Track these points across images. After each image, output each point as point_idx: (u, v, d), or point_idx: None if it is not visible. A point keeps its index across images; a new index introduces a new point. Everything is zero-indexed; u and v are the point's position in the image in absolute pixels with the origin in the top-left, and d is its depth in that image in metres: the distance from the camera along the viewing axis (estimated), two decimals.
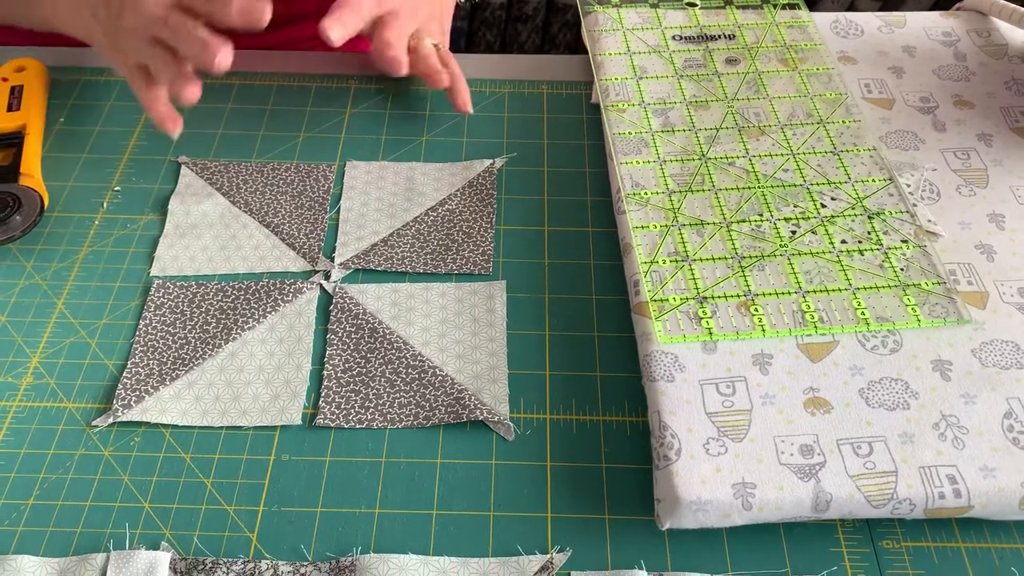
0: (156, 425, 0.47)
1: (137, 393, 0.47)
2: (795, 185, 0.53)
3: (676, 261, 0.49)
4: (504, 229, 0.55)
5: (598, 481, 0.45)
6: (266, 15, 0.51)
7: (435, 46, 0.61)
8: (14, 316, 0.51)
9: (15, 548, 0.42)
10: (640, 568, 0.41)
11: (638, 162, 0.55)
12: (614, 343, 0.50)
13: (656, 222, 0.51)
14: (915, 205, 0.52)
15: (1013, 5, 0.63)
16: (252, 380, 0.48)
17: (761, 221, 0.51)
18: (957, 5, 0.67)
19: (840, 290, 0.48)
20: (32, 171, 0.56)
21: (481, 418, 0.46)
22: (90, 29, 0.57)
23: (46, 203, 0.55)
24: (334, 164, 0.59)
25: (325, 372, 0.48)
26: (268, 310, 0.51)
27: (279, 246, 0.54)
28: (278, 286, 0.52)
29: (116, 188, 0.58)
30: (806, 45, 0.62)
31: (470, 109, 0.60)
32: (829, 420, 0.43)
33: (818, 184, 0.53)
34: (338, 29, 0.54)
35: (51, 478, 0.45)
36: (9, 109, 0.60)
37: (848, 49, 0.63)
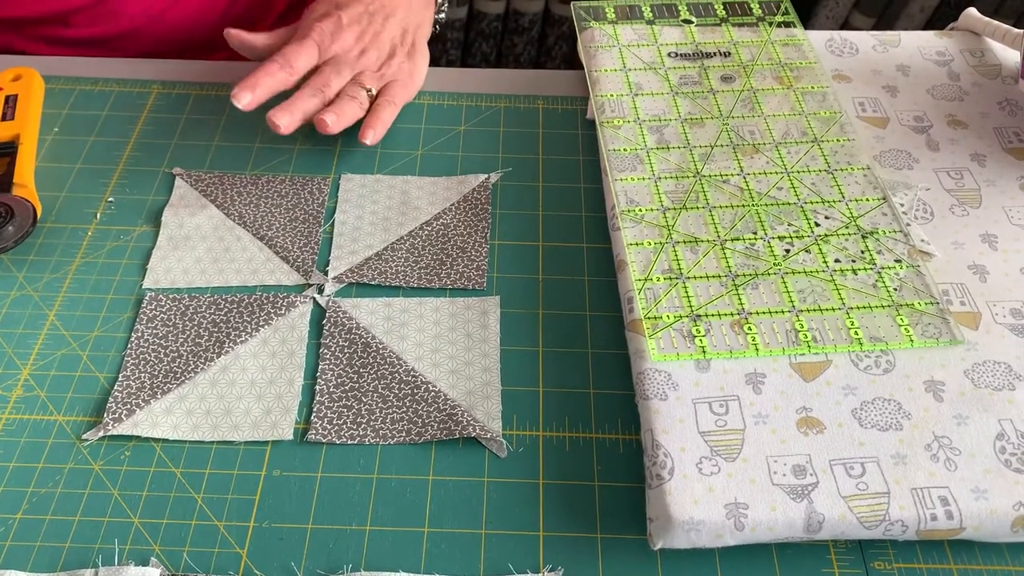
0: (147, 439, 0.46)
1: (128, 407, 0.47)
2: (789, 203, 0.53)
3: (670, 279, 0.49)
4: (498, 244, 0.55)
5: (590, 499, 0.45)
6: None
7: (369, 92, 0.60)
8: (5, 327, 0.51)
9: (2, 563, 0.42)
10: None
11: (633, 179, 0.55)
12: (608, 360, 0.50)
13: (650, 239, 0.51)
14: (908, 225, 0.52)
15: (1006, 26, 0.63)
16: (244, 394, 0.48)
17: (755, 239, 0.51)
18: (951, 25, 0.67)
19: (833, 309, 0.48)
20: (25, 181, 0.56)
21: (473, 435, 0.46)
22: None
23: (39, 214, 0.55)
24: (329, 177, 0.59)
25: (317, 387, 0.48)
26: (261, 324, 0.51)
27: (273, 259, 0.54)
28: (271, 299, 0.52)
29: (110, 199, 0.58)
30: (801, 63, 0.63)
31: (367, 140, 0.58)
32: (822, 440, 0.43)
33: (812, 203, 0.53)
34: (286, 117, 0.56)
35: (40, 492, 0.44)
36: (3, 119, 0.60)
37: (843, 67, 0.63)
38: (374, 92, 0.60)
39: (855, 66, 0.63)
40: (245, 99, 0.55)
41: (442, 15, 0.72)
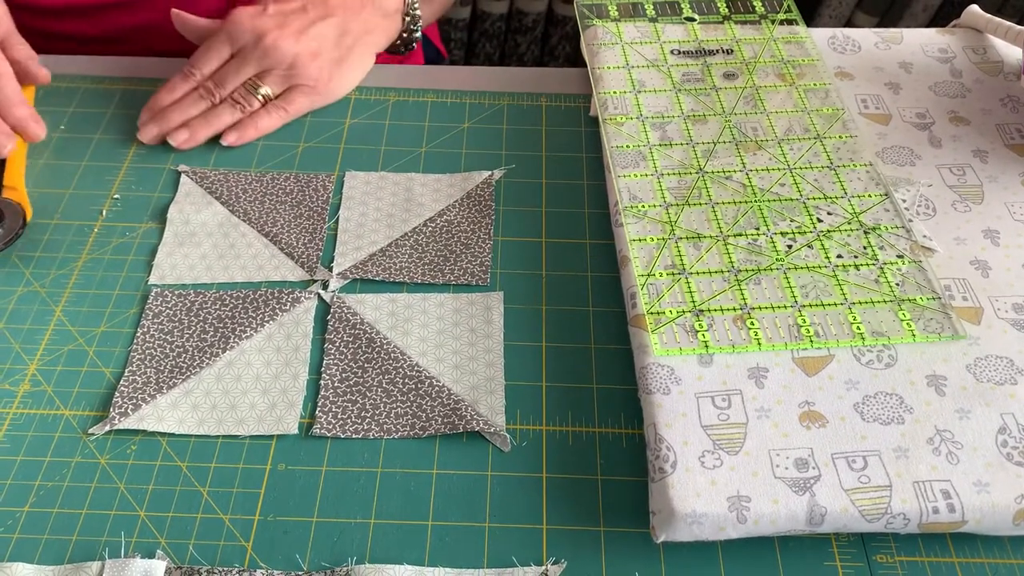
0: (153, 433, 0.47)
1: (134, 401, 0.47)
2: (791, 199, 0.53)
3: (673, 274, 0.49)
4: (502, 240, 0.56)
5: (593, 493, 0.45)
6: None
7: (264, 95, 0.60)
8: (12, 323, 0.51)
9: (10, 555, 0.42)
10: None
11: (636, 175, 0.55)
12: (611, 355, 0.50)
13: (653, 235, 0.52)
14: (911, 220, 0.52)
15: (1009, 23, 0.63)
16: (249, 389, 0.48)
17: (757, 235, 0.51)
18: (953, 22, 0.67)
19: (836, 304, 0.48)
20: (16, 184, 0.56)
21: (477, 429, 0.46)
22: None
23: (29, 216, 0.55)
24: (333, 174, 0.59)
25: (322, 382, 0.48)
26: (266, 319, 0.51)
27: (277, 255, 0.54)
28: (276, 295, 0.52)
29: (115, 196, 0.58)
30: (803, 60, 0.63)
31: (226, 141, 0.60)
32: (824, 434, 0.43)
33: (814, 199, 0.53)
34: (153, 130, 0.60)
35: (47, 485, 0.45)
36: None
37: (845, 65, 0.63)
38: (271, 95, 0.60)
39: (857, 63, 0.63)
40: (150, 135, 0.60)
41: (416, 32, 0.69)
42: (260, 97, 0.60)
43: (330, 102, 0.63)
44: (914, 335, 0.47)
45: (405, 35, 0.69)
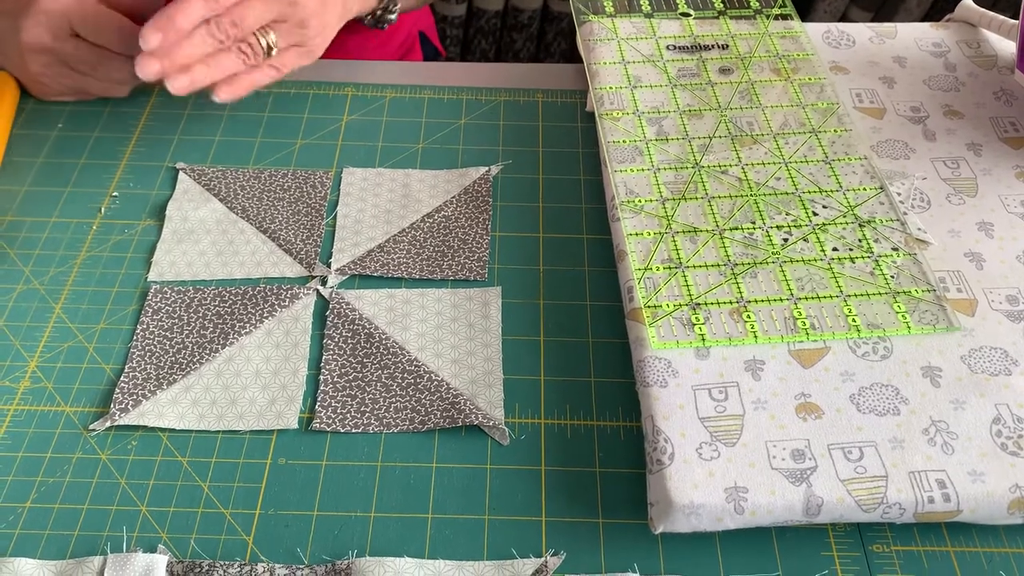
0: (153, 429, 0.47)
1: (134, 397, 0.48)
2: (787, 193, 0.54)
3: (670, 268, 0.50)
4: (499, 236, 0.56)
5: (592, 485, 0.45)
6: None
7: (270, 49, 0.57)
8: (12, 320, 0.51)
9: (12, 551, 0.42)
10: (633, 572, 0.42)
11: (632, 170, 0.55)
12: (608, 349, 0.50)
13: (650, 229, 0.52)
14: (905, 214, 0.53)
15: (1002, 16, 0.64)
16: (249, 385, 0.48)
17: (753, 229, 0.52)
18: (947, 16, 0.68)
19: (831, 297, 0.48)
20: None
21: (476, 423, 0.47)
22: None
23: None
24: (331, 171, 0.59)
25: (322, 377, 0.49)
26: (265, 315, 0.51)
27: (276, 252, 0.55)
28: (275, 291, 0.52)
29: (114, 194, 0.58)
30: (798, 55, 0.63)
31: (219, 97, 0.55)
32: (820, 425, 0.43)
33: (810, 192, 0.54)
34: (183, 80, 0.53)
35: (48, 481, 0.45)
36: None
37: (840, 59, 0.63)
38: (275, 48, 0.57)
39: (852, 58, 0.63)
40: (151, 70, 0.52)
41: (391, 13, 0.67)
42: (265, 47, 0.56)
43: (308, 62, 0.61)
44: (909, 327, 0.47)
45: (379, 12, 0.67)
